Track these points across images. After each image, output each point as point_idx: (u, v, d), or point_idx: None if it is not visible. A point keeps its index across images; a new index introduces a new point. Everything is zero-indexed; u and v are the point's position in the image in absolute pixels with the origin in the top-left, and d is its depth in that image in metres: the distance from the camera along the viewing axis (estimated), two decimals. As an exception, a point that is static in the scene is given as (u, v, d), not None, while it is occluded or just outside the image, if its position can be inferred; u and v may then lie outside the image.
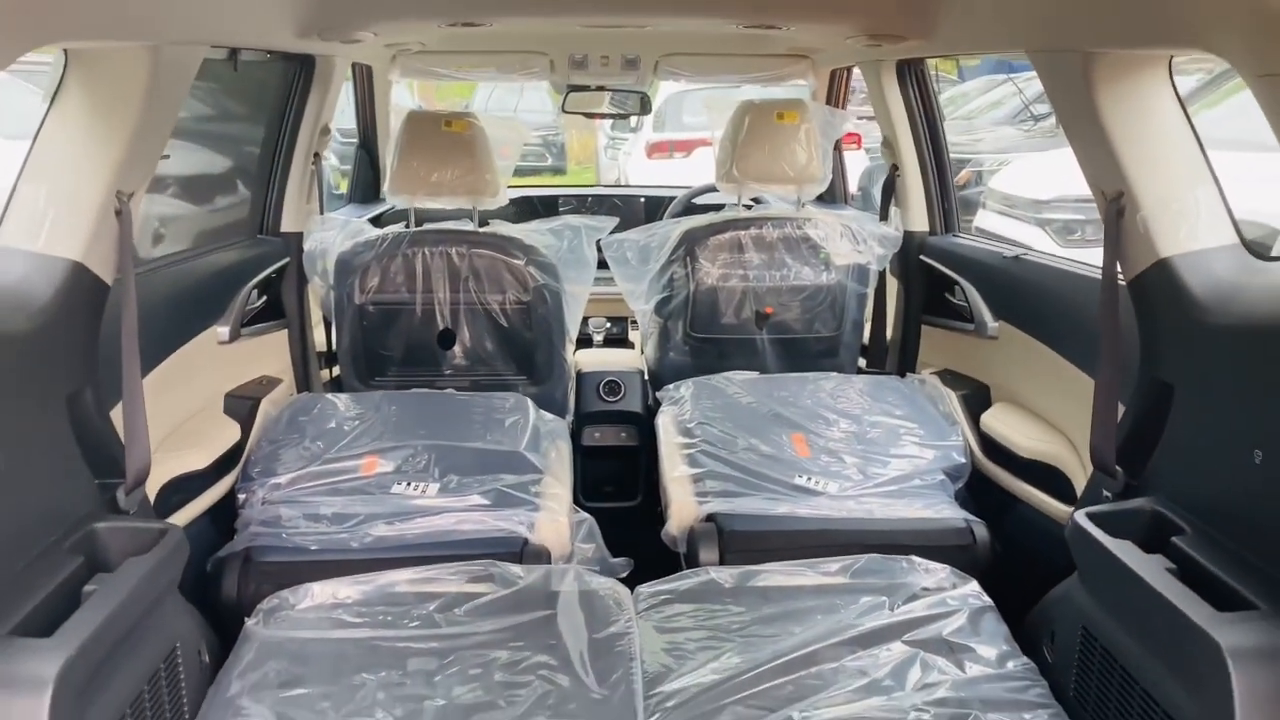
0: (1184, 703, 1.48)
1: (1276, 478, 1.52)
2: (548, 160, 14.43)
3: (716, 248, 3.20)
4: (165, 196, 2.89)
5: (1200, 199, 1.80)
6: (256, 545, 2.31)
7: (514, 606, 2.07)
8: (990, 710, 1.73)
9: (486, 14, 2.44)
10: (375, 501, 2.41)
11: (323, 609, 2.06)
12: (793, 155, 3.16)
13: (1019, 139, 9.35)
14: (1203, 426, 1.75)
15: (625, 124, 12.58)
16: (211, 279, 2.66)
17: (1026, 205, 7.04)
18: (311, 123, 3.07)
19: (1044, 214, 6.85)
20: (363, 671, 1.86)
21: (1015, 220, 7.06)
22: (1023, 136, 9.37)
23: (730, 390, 2.96)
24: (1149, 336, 1.90)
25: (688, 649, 1.95)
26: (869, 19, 2.40)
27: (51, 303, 1.69)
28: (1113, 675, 1.69)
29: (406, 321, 3.04)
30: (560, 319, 3.10)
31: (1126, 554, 1.66)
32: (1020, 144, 9.04)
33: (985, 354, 2.89)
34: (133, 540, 1.75)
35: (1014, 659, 1.89)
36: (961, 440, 2.69)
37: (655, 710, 1.78)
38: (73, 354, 1.77)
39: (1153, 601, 1.55)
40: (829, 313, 3.27)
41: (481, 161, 3.04)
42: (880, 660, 1.88)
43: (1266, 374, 1.55)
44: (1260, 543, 1.57)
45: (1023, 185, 7.29)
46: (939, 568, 2.18)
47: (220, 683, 1.83)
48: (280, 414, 2.73)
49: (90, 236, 1.74)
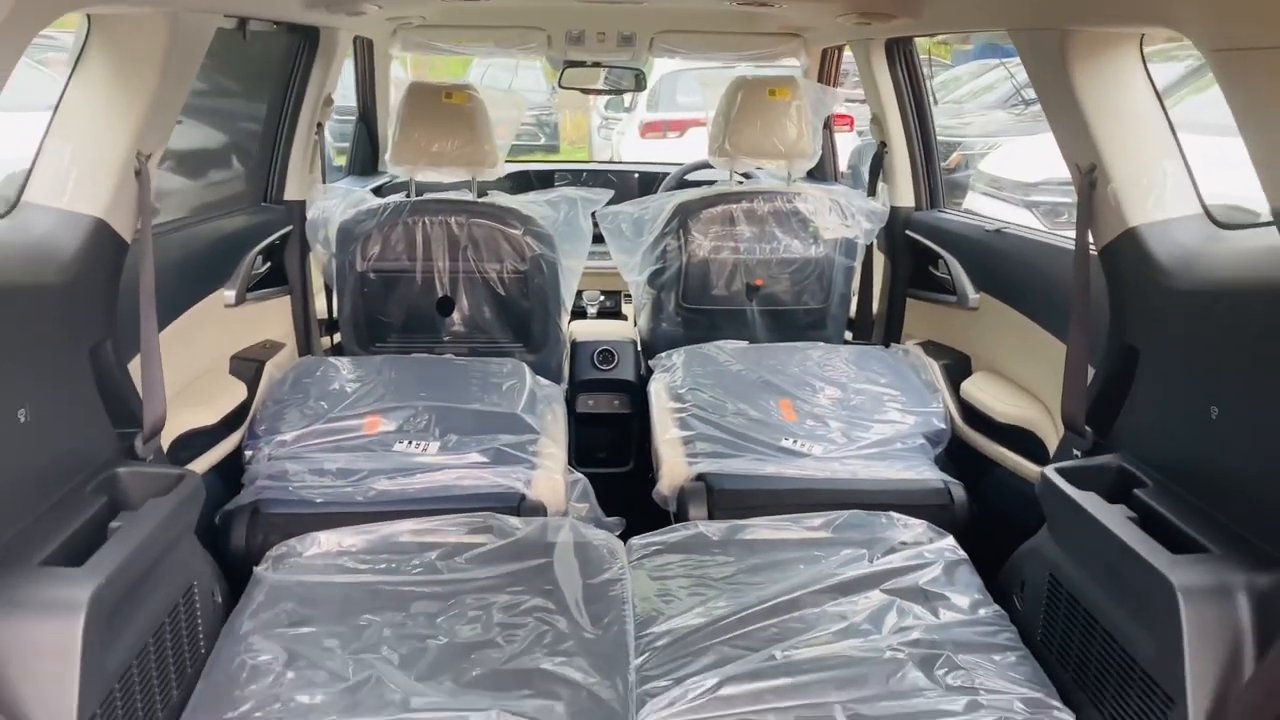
0: (1140, 639, 1.59)
1: (1230, 432, 1.63)
2: (540, 140, 14.45)
3: (709, 220, 3.28)
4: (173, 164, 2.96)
5: (1167, 172, 1.90)
6: (264, 498, 2.40)
7: (512, 555, 2.17)
8: (961, 651, 1.84)
9: (489, -13, 2.52)
10: (378, 458, 2.50)
11: (329, 556, 2.16)
12: (784, 131, 3.25)
13: (1009, 123, 9.43)
14: (1164, 386, 1.86)
15: (619, 103, 12.65)
16: (218, 243, 2.74)
17: (1014, 188, 7.14)
18: (315, 94, 3.15)
19: (1032, 196, 6.95)
20: (368, 613, 1.96)
21: (1003, 203, 7.15)
22: (1012, 120, 9.45)
23: (720, 358, 3.06)
24: (1117, 302, 2.00)
25: (677, 595, 2.06)
26: (860, -3, 2.49)
27: (76, 258, 1.77)
28: (1076, 618, 1.80)
29: (406, 289, 3.12)
30: (556, 288, 3.19)
31: (1091, 504, 1.77)
32: (1010, 128, 9.12)
33: (967, 325, 2.99)
34: (152, 484, 1.84)
35: (986, 606, 2.00)
36: (942, 407, 2.80)
37: (645, 649, 1.88)
38: (95, 307, 1.85)
39: (1113, 547, 1.66)
40: (817, 285, 3.36)
41: (481, 133, 3.12)
42: (859, 607, 1.99)
43: (1221, 335, 1.66)
44: (1214, 492, 1.68)
45: (1011, 168, 7.38)
46: (917, 523, 2.29)
47: (233, 622, 1.93)
48: (285, 376, 2.82)
49: (112, 195, 1.82)
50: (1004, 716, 1.68)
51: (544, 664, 1.82)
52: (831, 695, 1.74)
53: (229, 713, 1.67)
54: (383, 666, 1.80)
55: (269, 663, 1.79)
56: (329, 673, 1.78)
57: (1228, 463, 1.64)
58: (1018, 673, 1.80)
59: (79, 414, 1.84)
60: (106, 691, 1.47)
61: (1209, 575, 1.51)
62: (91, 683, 1.42)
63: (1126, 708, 1.60)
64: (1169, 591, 1.50)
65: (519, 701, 1.72)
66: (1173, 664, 1.48)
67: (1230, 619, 1.46)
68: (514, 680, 1.78)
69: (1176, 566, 1.53)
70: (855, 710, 1.71)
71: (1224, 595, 1.47)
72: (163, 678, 1.68)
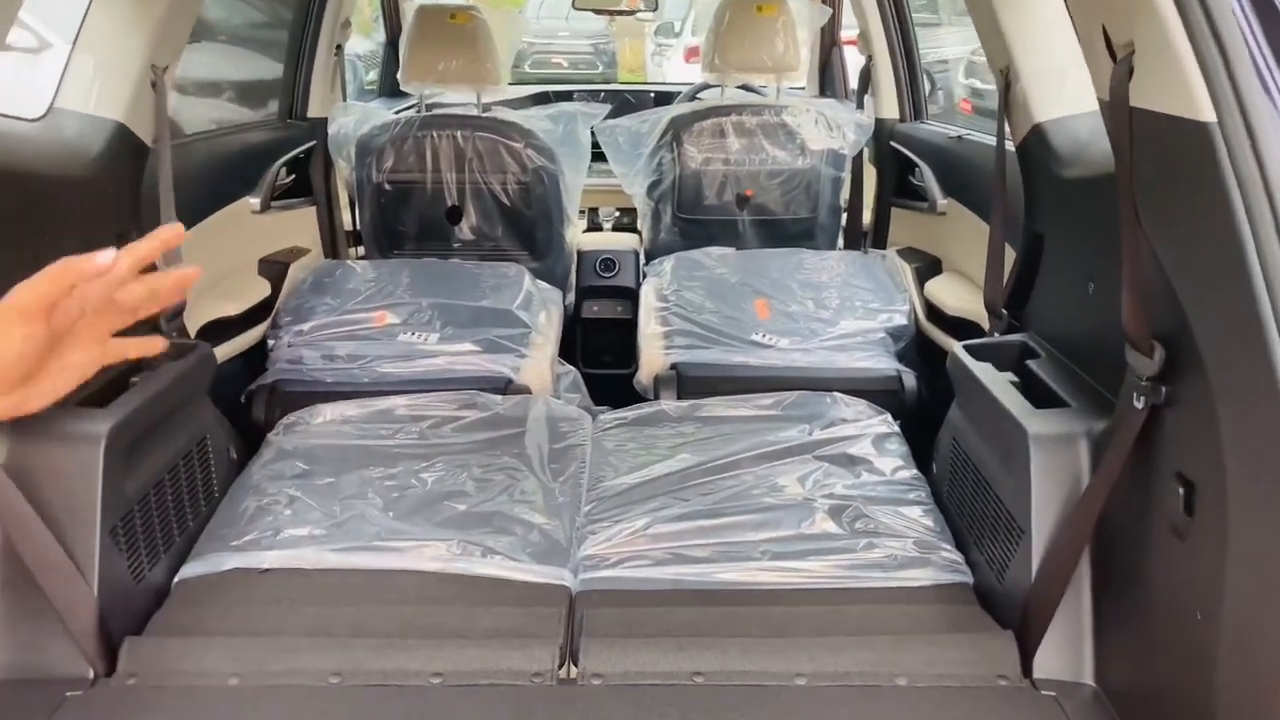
0: (1006, 484, 1.81)
1: (1101, 303, 1.82)
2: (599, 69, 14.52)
3: (700, 133, 3.48)
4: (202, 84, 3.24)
5: (1071, 72, 2.05)
6: (282, 379, 2.72)
7: (491, 425, 2.45)
8: (870, 505, 2.08)
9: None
10: (383, 346, 2.80)
11: (333, 424, 2.47)
12: (771, 46, 3.41)
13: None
14: (1059, 267, 2.05)
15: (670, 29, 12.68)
16: (244, 154, 3.03)
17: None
18: (333, 17, 3.40)
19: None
20: (361, 469, 2.26)
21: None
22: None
23: (707, 263, 3.28)
24: (1029, 194, 2.18)
25: (630, 458, 2.32)
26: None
27: (101, 156, 2.06)
28: (968, 474, 2.03)
29: (418, 199, 3.39)
30: (559, 199, 3.42)
31: (981, 371, 1.98)
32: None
33: (937, 229, 3.17)
34: (170, 352, 2.15)
35: (906, 471, 2.23)
36: (907, 306, 2.99)
37: (595, 499, 2.16)
38: (120, 200, 2.15)
39: (992, 406, 1.87)
40: (804, 196, 3.54)
41: (484, 51, 3.34)
42: (790, 470, 2.23)
43: (1099, 217, 1.84)
44: (1086, 357, 1.88)
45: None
46: (858, 402, 2.52)
47: (244, 473, 2.26)
48: (307, 276, 3.13)
49: (131, 102, 2.10)
50: (896, 554, 1.93)
51: (505, 508, 2.11)
52: (749, 535, 2.00)
53: (234, 541, 1.99)
54: (366, 508, 2.10)
55: (270, 504, 2.11)
56: (322, 512, 2.09)
57: (1096, 330, 1.84)
58: (920, 523, 2.03)
59: None
60: (126, 510, 1.79)
61: (1058, 424, 1.72)
62: (111, 501, 1.74)
63: (996, 545, 1.83)
64: (1024, 438, 1.71)
65: (479, 535, 2.01)
66: (1025, 500, 1.70)
67: (1072, 460, 1.67)
68: (478, 520, 2.07)
69: (1033, 417, 1.74)
70: (767, 547, 1.97)
71: (1068, 440, 1.68)
72: (178, 508, 2.01)
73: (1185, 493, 1.36)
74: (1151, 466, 1.47)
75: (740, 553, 1.95)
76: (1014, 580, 1.74)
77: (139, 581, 1.84)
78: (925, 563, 1.92)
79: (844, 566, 1.90)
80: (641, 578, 1.90)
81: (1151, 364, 1.41)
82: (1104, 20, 1.39)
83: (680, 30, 12.05)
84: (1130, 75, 1.33)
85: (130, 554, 1.81)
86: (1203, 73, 1.14)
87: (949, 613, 1.79)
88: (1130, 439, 1.48)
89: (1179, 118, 1.21)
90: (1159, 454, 1.45)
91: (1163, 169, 1.31)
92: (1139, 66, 1.31)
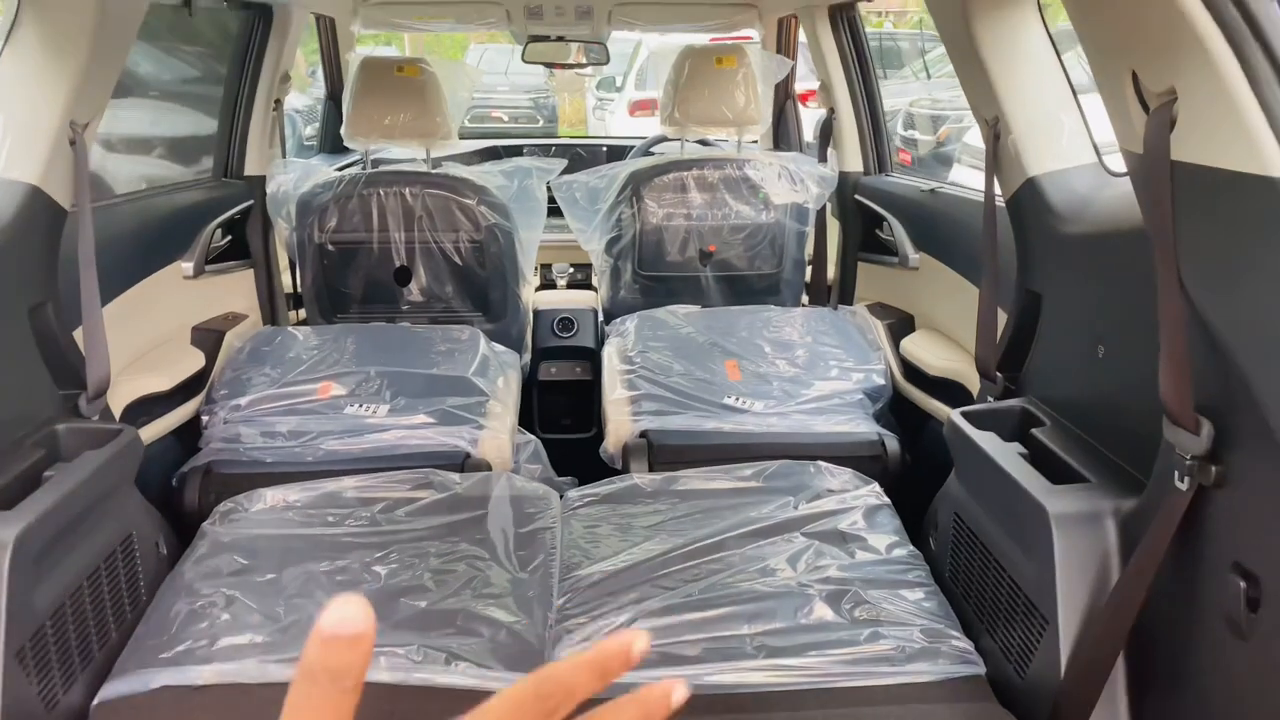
0: (1024, 566, 1.66)
1: (1112, 369, 1.70)
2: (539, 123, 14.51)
3: (660, 188, 3.35)
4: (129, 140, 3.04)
5: (1064, 123, 1.96)
6: (217, 459, 2.49)
7: (449, 508, 2.25)
8: (870, 588, 1.91)
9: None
10: (328, 420, 2.59)
11: (274, 511, 2.24)
12: (731, 99, 3.31)
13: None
14: (1061, 328, 1.93)
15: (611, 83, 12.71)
16: (175, 216, 2.82)
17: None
18: (271, 70, 3.21)
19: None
20: (306, 562, 2.04)
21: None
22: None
23: (672, 322, 3.13)
24: (1022, 250, 2.06)
25: (605, 541, 2.14)
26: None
27: (12, 223, 1.85)
28: (975, 552, 1.88)
29: (365, 260, 3.20)
30: (514, 257, 3.26)
31: (986, 442, 1.84)
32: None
33: (909, 284, 3.06)
34: (91, 439, 1.93)
35: (901, 547, 2.08)
36: (883, 365, 2.87)
37: (568, 591, 1.97)
38: (34, 270, 1.93)
39: (1002, 481, 1.73)
40: (769, 250, 3.43)
41: (433, 105, 3.19)
42: (778, 549, 2.06)
43: (1106, 277, 1.72)
44: (1098, 426, 1.75)
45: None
46: (844, 471, 2.36)
47: (176, 571, 2.01)
48: (244, 345, 2.90)
49: (46, 163, 1.89)
50: (903, 645, 1.76)
51: (470, 605, 1.90)
52: (742, 628, 1.82)
53: (164, 653, 1.75)
54: (314, 609, 1.88)
55: (206, 607, 1.87)
56: (263, 615, 1.86)
57: (1110, 398, 1.71)
58: (923, 607, 1.87)
59: (20, 372, 1.92)
60: (37, 627, 1.56)
61: (1081, 502, 1.58)
62: (19, 619, 1.50)
63: (1013, 633, 1.68)
64: (1044, 518, 1.57)
65: (442, 639, 1.80)
66: (1048, 587, 1.55)
67: (1099, 542, 1.53)
68: (440, 620, 1.86)
69: (1052, 495, 1.60)
70: (762, 641, 1.79)
71: (1093, 520, 1.55)
72: (99, 619, 1.77)
73: (1247, 586, 1.22)
74: (1200, 554, 1.33)
75: (733, 649, 1.77)
76: (1039, 676, 1.58)
77: (51, 708, 1.59)
78: (935, 654, 1.75)
79: (848, 662, 1.73)
80: (625, 683, 1.69)
81: (1199, 441, 1.27)
82: (1134, 65, 1.28)
83: (622, 84, 12.06)
84: (1171, 125, 1.21)
85: (41, 678, 1.57)
86: (1270, 124, 1.02)
87: (969, 713, 1.63)
88: (1173, 523, 1.34)
89: (1239, 173, 1.08)
90: (1210, 540, 1.31)
91: (1217, 228, 1.18)
92: (1183, 116, 1.19)
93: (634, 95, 10.96)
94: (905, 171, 4.06)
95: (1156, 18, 1.16)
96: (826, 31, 3.31)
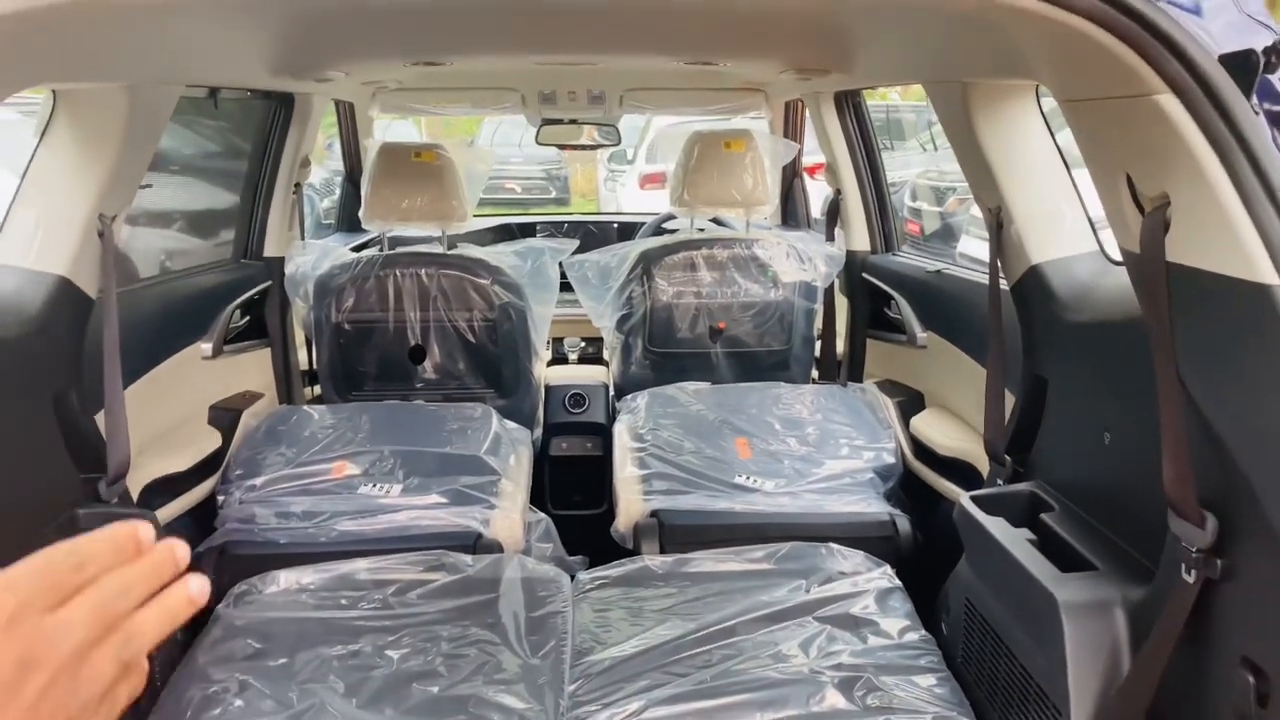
0: (1034, 654, 1.66)
1: (1119, 456, 1.71)
2: (551, 194, 14.75)
3: (671, 267, 3.41)
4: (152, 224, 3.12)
5: (1065, 212, 2.01)
6: (231, 540, 2.51)
7: (461, 591, 2.26)
8: (883, 674, 1.91)
9: (443, 54, 2.66)
10: (342, 501, 2.61)
11: (288, 593, 2.26)
12: (740, 181, 3.38)
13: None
14: (1068, 414, 1.95)
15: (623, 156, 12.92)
16: (195, 298, 2.88)
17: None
18: (292, 155, 3.31)
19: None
20: (319, 646, 2.05)
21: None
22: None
23: (682, 399, 3.16)
24: (1028, 335, 2.10)
25: (617, 625, 2.14)
26: (794, 55, 2.62)
27: (40, 313, 1.90)
28: (987, 639, 1.87)
29: (380, 339, 3.25)
30: (526, 335, 3.30)
31: (995, 528, 1.85)
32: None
33: (917, 363, 3.09)
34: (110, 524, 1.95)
35: (913, 632, 2.07)
36: (894, 443, 2.88)
37: (580, 677, 1.96)
38: (59, 358, 1.98)
39: (1012, 568, 1.74)
40: (778, 327, 3.47)
41: (449, 189, 3.27)
42: (790, 634, 2.06)
43: (1111, 364, 1.75)
44: (1106, 513, 1.76)
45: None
46: (855, 553, 2.36)
47: (189, 657, 2.03)
48: (260, 424, 2.94)
49: (75, 254, 1.95)
50: None
51: (481, 691, 1.90)
52: (755, 717, 1.81)
53: (177, 740, 1.76)
54: (327, 695, 1.89)
55: (219, 693, 1.88)
56: (276, 701, 1.87)
57: (1117, 485, 1.73)
58: (935, 693, 1.87)
59: (43, 459, 1.96)
60: None
61: (1090, 591, 1.58)
62: None
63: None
64: (1054, 607, 1.57)
65: (454, 727, 1.80)
66: (1059, 676, 1.55)
67: (1109, 631, 1.54)
68: (451, 707, 1.86)
69: (1062, 583, 1.61)
70: (775, 730, 1.78)
71: (1103, 609, 1.55)
72: None
73: (1256, 682, 1.22)
74: (1209, 647, 1.33)
75: (746, 738, 1.77)
76: (1053, 767, 1.57)
77: None
78: (948, 743, 1.75)
79: (861, 751, 1.72)
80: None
81: (1204, 535, 1.29)
82: (1128, 169, 1.32)
83: (633, 157, 12.27)
84: (1165, 229, 1.24)
85: None
86: (1260, 233, 1.06)
87: (984, 805, 1.62)
88: (1182, 615, 1.35)
89: (1233, 278, 1.12)
90: (1217, 634, 1.32)
91: (1213, 329, 1.21)
92: (1176, 221, 1.22)
93: (644, 169, 11.13)
94: (914, 242, 4.12)
95: (1149, 126, 1.21)
96: (832, 115, 3.39)
